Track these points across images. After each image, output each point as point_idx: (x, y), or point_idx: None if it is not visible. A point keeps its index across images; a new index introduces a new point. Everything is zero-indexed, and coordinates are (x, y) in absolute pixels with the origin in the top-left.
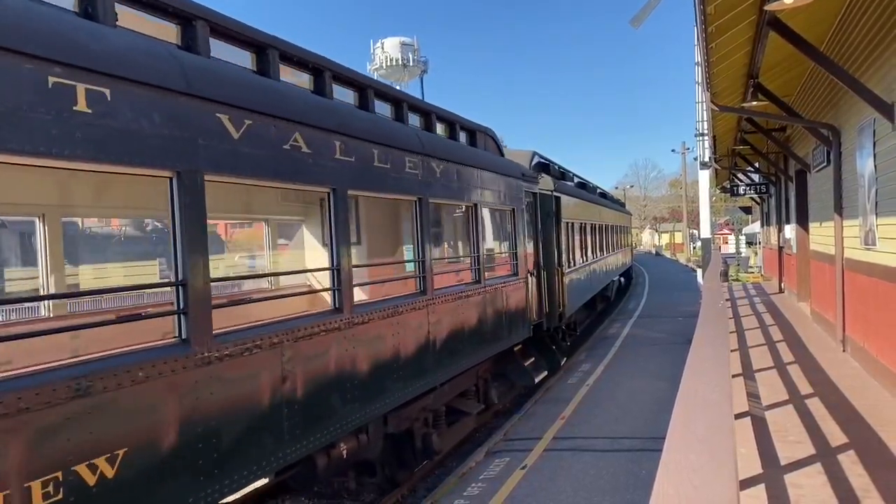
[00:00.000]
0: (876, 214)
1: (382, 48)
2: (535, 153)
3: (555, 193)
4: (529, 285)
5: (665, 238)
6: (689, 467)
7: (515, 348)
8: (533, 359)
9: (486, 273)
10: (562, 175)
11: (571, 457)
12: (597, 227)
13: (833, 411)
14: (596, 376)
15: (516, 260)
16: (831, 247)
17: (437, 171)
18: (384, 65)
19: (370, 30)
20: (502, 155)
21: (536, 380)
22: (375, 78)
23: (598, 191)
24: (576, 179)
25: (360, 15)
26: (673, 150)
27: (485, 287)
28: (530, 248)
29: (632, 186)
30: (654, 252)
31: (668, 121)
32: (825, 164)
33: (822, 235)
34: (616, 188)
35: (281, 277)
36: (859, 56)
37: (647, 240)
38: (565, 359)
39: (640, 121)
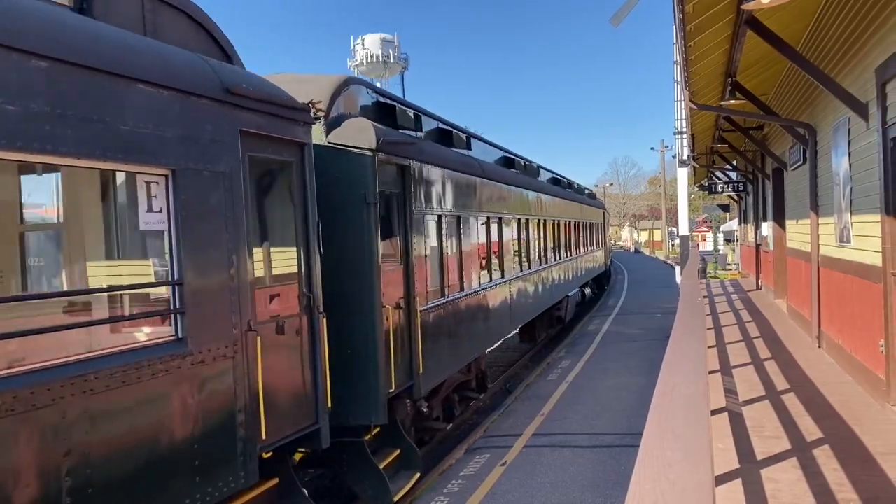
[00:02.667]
0: (850, 212)
1: (363, 44)
2: (348, 80)
3: (389, 158)
4: (245, 361)
5: (644, 235)
6: (665, 463)
7: None
8: None
9: None
10: (444, 136)
11: (551, 453)
12: (531, 223)
13: (808, 407)
14: (575, 373)
15: (179, 301)
16: (807, 244)
17: None
18: (364, 61)
19: (351, 26)
20: (230, 62)
21: None
22: (356, 74)
23: (551, 176)
24: (494, 152)
25: (342, 11)
26: (652, 148)
27: None
28: (280, 265)
29: (611, 184)
30: (633, 249)
31: (647, 119)
32: (801, 162)
33: (798, 233)
34: (596, 186)
35: None
36: (835, 56)
37: (627, 237)
38: (417, 476)
39: (619, 119)
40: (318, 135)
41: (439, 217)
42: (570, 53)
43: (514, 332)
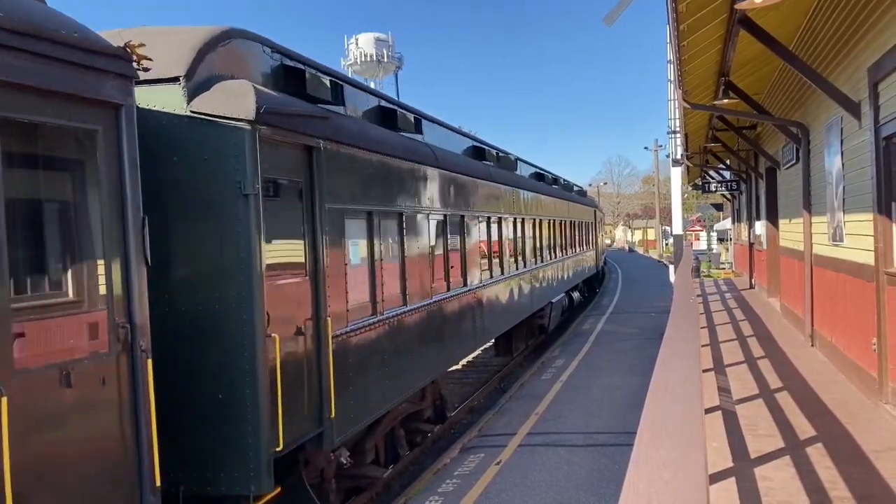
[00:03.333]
0: (843, 211)
1: (357, 44)
2: (229, 32)
3: (282, 134)
4: None
5: (638, 234)
6: (659, 461)
7: None
8: None
9: None
10: (387, 116)
11: (546, 452)
12: (505, 222)
13: (802, 405)
14: (570, 372)
15: None
16: (800, 243)
17: None
18: (358, 60)
19: (345, 25)
20: None
21: None
22: (349, 74)
23: (533, 171)
24: (459, 140)
25: (337, 10)
26: (646, 148)
27: None
28: (76, 282)
29: (605, 183)
30: (627, 249)
31: (641, 118)
32: (794, 161)
33: (791, 232)
34: (590, 185)
35: None
36: (827, 55)
37: (621, 236)
38: None
39: (613, 118)
40: (176, 101)
41: (369, 214)
42: (565, 53)
43: (487, 345)
